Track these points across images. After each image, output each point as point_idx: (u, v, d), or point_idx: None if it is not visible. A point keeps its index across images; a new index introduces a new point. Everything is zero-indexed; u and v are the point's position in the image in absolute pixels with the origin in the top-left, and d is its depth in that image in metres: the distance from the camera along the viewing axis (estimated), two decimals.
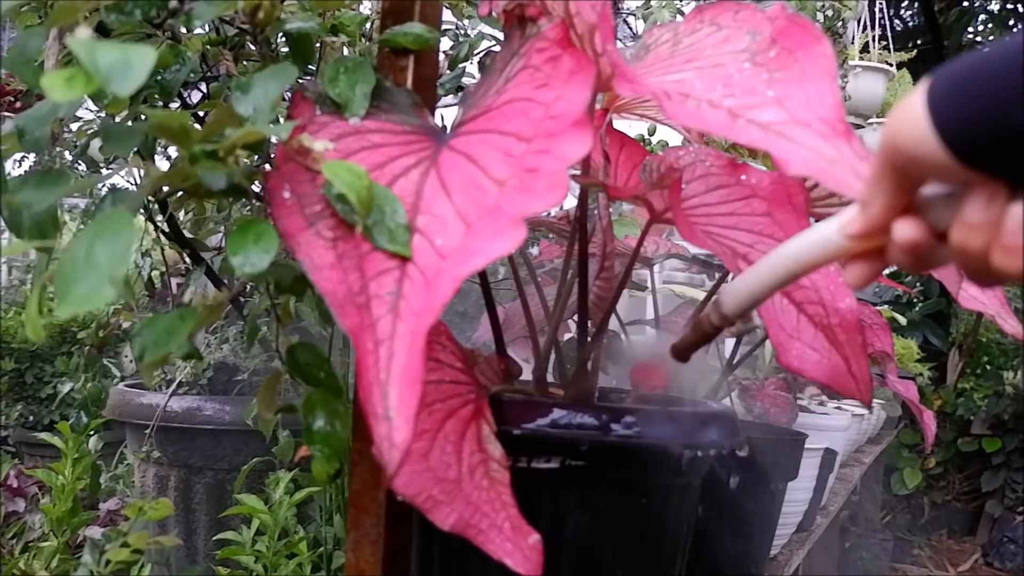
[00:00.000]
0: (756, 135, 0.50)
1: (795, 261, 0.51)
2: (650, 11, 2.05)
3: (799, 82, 0.52)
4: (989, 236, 0.40)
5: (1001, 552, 4.13)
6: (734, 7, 0.60)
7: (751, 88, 0.53)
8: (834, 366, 0.72)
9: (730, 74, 0.54)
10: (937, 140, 0.39)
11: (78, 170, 1.16)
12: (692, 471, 0.74)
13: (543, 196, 0.48)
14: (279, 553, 0.95)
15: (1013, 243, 0.40)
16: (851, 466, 2.36)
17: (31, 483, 1.17)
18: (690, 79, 0.55)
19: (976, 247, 0.41)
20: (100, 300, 0.38)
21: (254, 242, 0.47)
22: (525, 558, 0.55)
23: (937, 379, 4.29)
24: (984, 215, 0.40)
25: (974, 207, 0.40)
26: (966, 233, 0.41)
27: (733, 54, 0.56)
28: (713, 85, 0.53)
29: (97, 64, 0.38)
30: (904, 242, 0.44)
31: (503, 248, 0.47)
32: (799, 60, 0.54)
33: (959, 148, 0.39)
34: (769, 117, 0.51)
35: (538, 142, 0.51)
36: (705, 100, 0.52)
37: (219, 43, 0.76)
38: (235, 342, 1.29)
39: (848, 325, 0.73)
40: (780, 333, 0.72)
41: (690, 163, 0.76)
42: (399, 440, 0.45)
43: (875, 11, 3.21)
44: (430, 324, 0.46)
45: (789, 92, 0.52)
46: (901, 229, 0.43)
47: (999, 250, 0.40)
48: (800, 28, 0.55)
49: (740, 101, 0.52)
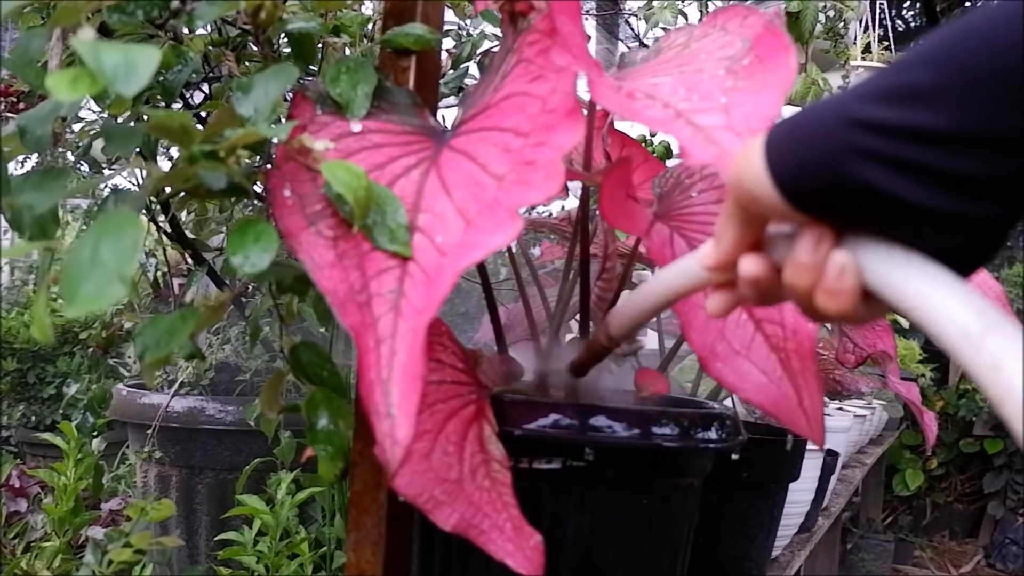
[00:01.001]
0: (686, 134, 0.50)
1: (666, 288, 0.54)
2: (652, 12, 2.05)
3: (756, 92, 0.52)
4: (814, 278, 0.43)
5: (1003, 554, 4.12)
6: (743, 12, 0.60)
7: (708, 94, 0.53)
8: (783, 395, 0.69)
9: (700, 80, 0.54)
10: (771, 183, 0.41)
11: (80, 170, 1.16)
12: (693, 472, 0.74)
13: (540, 187, 0.49)
14: (281, 553, 0.95)
15: (833, 287, 0.42)
16: (853, 467, 2.35)
17: (33, 483, 1.17)
18: (665, 83, 0.55)
19: (802, 286, 0.43)
20: (108, 299, 0.38)
21: (254, 241, 0.47)
22: (526, 558, 0.55)
23: (939, 380, 4.28)
24: (811, 257, 0.43)
25: (802, 248, 0.43)
26: (795, 272, 0.44)
27: (717, 60, 0.56)
28: (677, 89, 0.53)
29: (102, 65, 0.38)
30: (746, 276, 0.46)
31: (501, 240, 0.47)
32: (766, 70, 0.53)
33: (788, 192, 0.41)
34: (708, 122, 0.51)
35: (535, 135, 0.51)
36: (662, 102, 0.53)
37: (221, 43, 0.76)
38: (237, 342, 1.29)
39: (804, 352, 0.69)
40: (721, 345, 0.70)
41: (708, 174, 0.76)
42: (401, 437, 0.45)
43: (877, 11, 3.21)
44: (430, 320, 0.46)
45: (740, 101, 0.52)
46: (744, 264, 0.46)
47: (821, 292, 0.43)
48: (772, 36, 0.55)
49: (692, 105, 0.52)
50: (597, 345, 0.64)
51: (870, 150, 0.38)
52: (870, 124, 0.38)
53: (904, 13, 6.50)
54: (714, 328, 0.70)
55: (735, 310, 0.51)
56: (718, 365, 0.69)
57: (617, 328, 0.60)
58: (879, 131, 0.38)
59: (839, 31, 2.62)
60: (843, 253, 0.42)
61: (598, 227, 0.83)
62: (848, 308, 0.42)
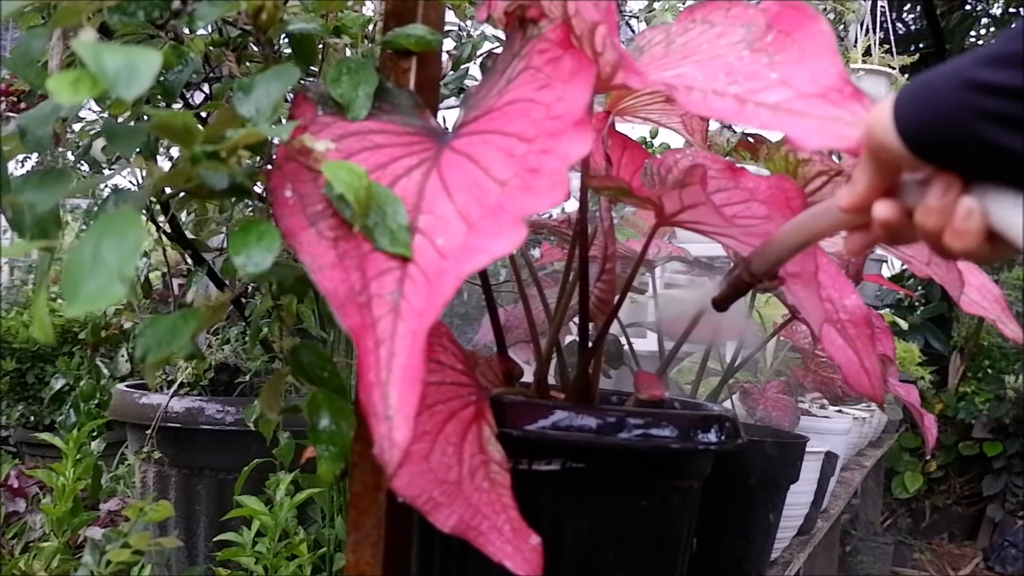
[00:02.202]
0: (767, 117, 0.52)
1: (803, 229, 0.59)
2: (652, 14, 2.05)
3: (800, 61, 0.54)
4: (943, 220, 0.48)
5: (1002, 556, 4.12)
6: (725, 5, 0.61)
7: (754, 73, 0.54)
8: (848, 360, 0.76)
9: (730, 63, 0.55)
10: (897, 137, 0.47)
11: (81, 170, 1.16)
12: (693, 473, 0.74)
13: (545, 195, 0.49)
14: (280, 554, 0.95)
15: (961, 228, 0.48)
16: (852, 469, 2.35)
17: (32, 483, 1.17)
18: (690, 72, 0.56)
19: (932, 227, 0.49)
20: (109, 299, 0.38)
21: (256, 242, 0.47)
22: (525, 560, 0.55)
23: (938, 383, 4.28)
24: (940, 201, 0.48)
25: (933, 194, 0.48)
26: (926, 215, 0.49)
27: (730, 45, 0.57)
28: (715, 75, 0.55)
29: (103, 68, 0.38)
30: (879, 218, 0.51)
31: (505, 247, 0.47)
32: (797, 41, 0.55)
33: (912, 145, 0.47)
34: (777, 98, 0.52)
35: (540, 142, 0.51)
36: (710, 90, 0.54)
37: (222, 44, 0.76)
38: (237, 343, 1.29)
39: (857, 320, 0.75)
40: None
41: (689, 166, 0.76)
42: (399, 439, 0.45)
43: (877, 14, 3.21)
44: (431, 323, 0.46)
45: (792, 72, 0.54)
46: (878, 207, 0.51)
47: (949, 232, 0.48)
48: (795, 10, 0.56)
49: (745, 87, 0.53)
50: (740, 281, 0.68)
51: (984, 109, 0.43)
52: (984, 86, 0.43)
53: (905, 16, 6.50)
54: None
55: (871, 246, 0.56)
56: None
57: (760, 265, 0.64)
58: (992, 92, 0.43)
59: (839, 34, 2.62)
60: (970, 199, 0.47)
61: (597, 229, 0.83)
62: (973, 247, 0.48)
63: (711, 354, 1.24)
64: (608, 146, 0.86)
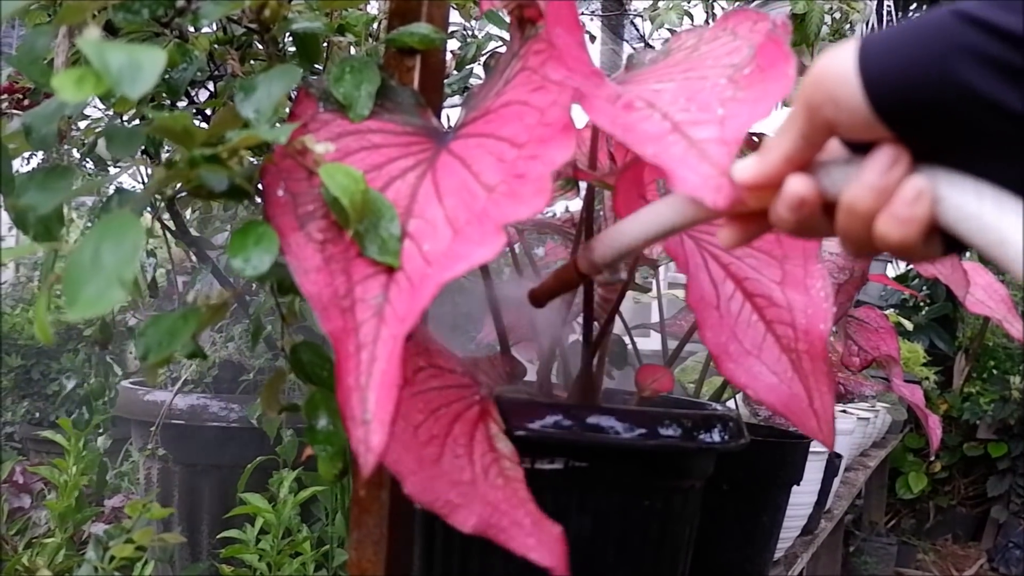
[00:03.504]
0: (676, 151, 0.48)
1: (658, 219, 0.52)
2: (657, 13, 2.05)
3: (754, 102, 0.51)
4: (879, 202, 0.40)
5: (1006, 557, 4.11)
6: (754, 17, 0.59)
7: (707, 104, 0.51)
8: (794, 396, 0.69)
9: (702, 88, 0.53)
10: (859, 86, 0.39)
11: (86, 168, 1.16)
12: (695, 473, 0.74)
13: (528, 202, 0.48)
14: (283, 552, 0.96)
15: (905, 213, 0.39)
16: (856, 470, 2.35)
17: (36, 479, 1.17)
18: (668, 90, 0.54)
19: (864, 209, 0.41)
20: (109, 302, 0.38)
21: (255, 244, 0.47)
22: (550, 552, 0.55)
23: (943, 383, 4.27)
24: (881, 179, 0.40)
25: (874, 169, 0.40)
26: (859, 194, 0.41)
27: (722, 68, 0.55)
28: (678, 99, 0.52)
29: (108, 66, 0.38)
30: (794, 195, 0.43)
31: (485, 255, 0.47)
32: (766, 79, 0.52)
33: (876, 96, 0.39)
34: (704, 135, 0.49)
35: (530, 148, 0.50)
36: (661, 112, 0.51)
37: (226, 42, 0.76)
38: (240, 340, 1.29)
39: (816, 354, 0.69)
40: (733, 344, 0.70)
41: None
42: (375, 444, 0.45)
43: (883, 13, 3.21)
44: (410, 328, 0.46)
45: (736, 112, 0.50)
46: (794, 181, 0.43)
47: (888, 217, 0.40)
48: (774, 45, 0.53)
49: (691, 116, 0.50)
50: (569, 273, 0.58)
51: (979, 49, 0.36)
52: (983, 22, 0.36)
53: (910, 15, 6.49)
54: (727, 328, 0.70)
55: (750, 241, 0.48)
56: (730, 365, 0.69)
57: (603, 252, 0.56)
58: (991, 31, 0.36)
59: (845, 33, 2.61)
60: (922, 178, 0.39)
61: (602, 228, 0.83)
62: (913, 238, 0.40)
63: None
64: (613, 145, 0.86)
